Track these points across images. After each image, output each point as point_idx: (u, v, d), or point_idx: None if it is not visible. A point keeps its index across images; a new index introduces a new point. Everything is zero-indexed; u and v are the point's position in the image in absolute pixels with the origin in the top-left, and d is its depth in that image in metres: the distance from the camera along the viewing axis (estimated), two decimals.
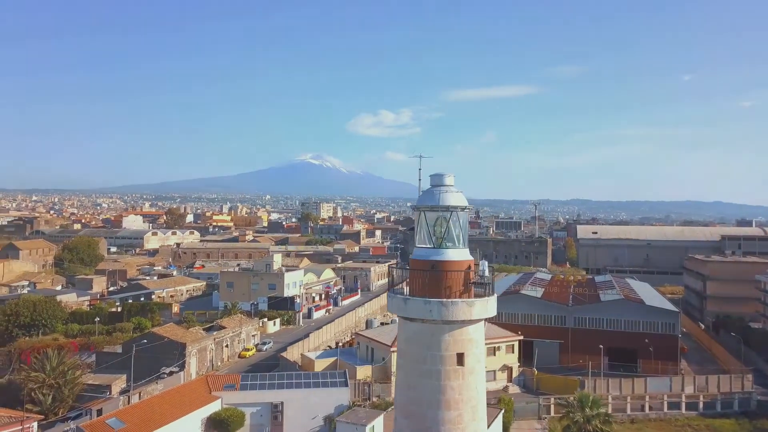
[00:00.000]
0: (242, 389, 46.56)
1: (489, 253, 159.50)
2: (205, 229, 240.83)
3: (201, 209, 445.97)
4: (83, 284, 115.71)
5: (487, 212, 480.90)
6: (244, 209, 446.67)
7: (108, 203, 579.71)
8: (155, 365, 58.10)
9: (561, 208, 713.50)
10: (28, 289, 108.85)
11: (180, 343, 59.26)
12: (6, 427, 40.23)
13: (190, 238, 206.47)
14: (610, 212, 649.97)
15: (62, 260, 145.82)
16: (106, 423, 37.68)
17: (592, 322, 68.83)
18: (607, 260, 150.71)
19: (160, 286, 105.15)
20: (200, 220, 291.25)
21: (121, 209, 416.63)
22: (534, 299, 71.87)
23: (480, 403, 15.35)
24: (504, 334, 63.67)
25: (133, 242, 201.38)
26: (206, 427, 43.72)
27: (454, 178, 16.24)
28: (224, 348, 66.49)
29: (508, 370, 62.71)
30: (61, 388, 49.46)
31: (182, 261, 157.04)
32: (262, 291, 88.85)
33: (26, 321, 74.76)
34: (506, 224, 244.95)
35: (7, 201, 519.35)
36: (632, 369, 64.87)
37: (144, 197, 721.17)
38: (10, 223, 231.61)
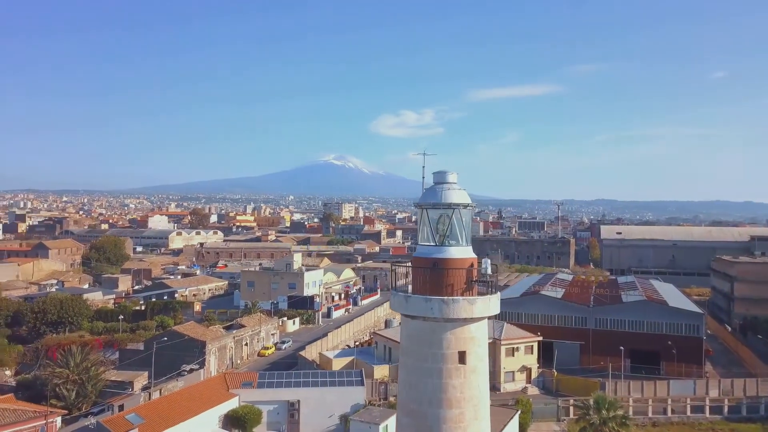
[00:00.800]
0: (259, 387, 47.03)
1: (511, 253, 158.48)
2: (228, 229, 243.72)
3: (225, 209, 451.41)
4: (109, 283, 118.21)
5: (510, 212, 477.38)
6: (267, 209, 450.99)
7: (135, 204, 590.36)
8: (176, 362, 59.02)
9: (585, 208, 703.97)
10: (56, 288, 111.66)
11: (200, 341, 60.08)
12: (30, 421, 41.26)
13: (214, 238, 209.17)
14: (636, 212, 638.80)
15: (90, 259, 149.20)
16: (126, 419, 38.40)
17: (613, 324, 67.75)
18: (631, 261, 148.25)
19: (183, 285, 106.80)
20: (224, 221, 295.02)
21: (148, 210, 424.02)
22: (554, 300, 71.07)
23: (482, 402, 15.23)
24: (523, 335, 63.12)
25: (158, 242, 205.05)
26: (224, 424, 44.26)
27: (457, 176, 16.16)
28: (244, 346, 67.21)
29: (527, 371, 62.13)
30: (84, 384, 50.58)
31: (205, 260, 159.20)
32: (283, 290, 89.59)
33: (53, 318, 76.69)
34: (529, 224, 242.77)
35: (38, 201, 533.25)
36: (655, 371, 63.68)
37: (170, 198, 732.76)
38: (40, 223, 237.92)
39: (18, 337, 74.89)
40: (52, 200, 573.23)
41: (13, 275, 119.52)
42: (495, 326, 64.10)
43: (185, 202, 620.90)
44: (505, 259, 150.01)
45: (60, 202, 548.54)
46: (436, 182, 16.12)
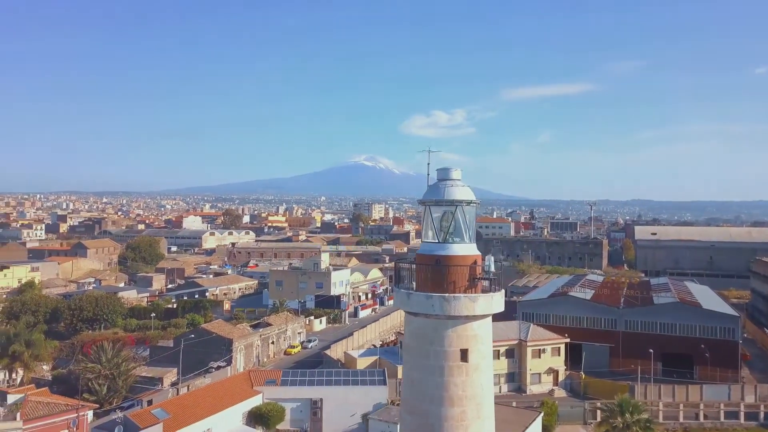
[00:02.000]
0: (283, 385, 47.51)
1: (542, 254, 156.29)
2: (260, 230, 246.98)
3: (258, 210, 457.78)
4: (144, 282, 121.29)
5: (543, 213, 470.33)
6: (299, 210, 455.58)
7: (171, 205, 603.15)
8: (204, 360, 60.20)
9: (621, 208, 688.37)
10: (93, 286, 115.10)
11: (227, 338, 61.11)
12: (62, 414, 42.52)
13: (246, 238, 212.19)
14: (673, 213, 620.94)
15: (126, 259, 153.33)
16: (152, 413, 39.33)
17: (644, 326, 66.06)
18: (667, 262, 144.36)
19: (213, 284, 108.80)
20: (256, 221, 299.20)
21: (183, 210, 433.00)
22: (583, 301, 69.73)
23: (485, 401, 15.08)
24: (550, 336, 62.18)
25: (192, 242, 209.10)
26: (247, 420, 44.87)
27: (461, 172, 16.05)
28: (270, 344, 68.04)
29: (554, 373, 61.19)
30: (115, 379, 51.97)
31: (237, 260, 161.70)
32: (310, 289, 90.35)
33: (89, 315, 79.11)
34: (561, 225, 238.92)
35: (80, 203, 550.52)
36: (688, 375, 61.86)
37: (205, 199, 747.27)
38: (80, 224, 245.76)
39: (56, 333, 77.42)
40: (93, 201, 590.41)
41: (54, 273, 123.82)
42: (521, 327, 63.38)
43: (219, 203, 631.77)
44: (536, 260, 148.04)
45: (100, 203, 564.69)
46: (439, 179, 16.06)
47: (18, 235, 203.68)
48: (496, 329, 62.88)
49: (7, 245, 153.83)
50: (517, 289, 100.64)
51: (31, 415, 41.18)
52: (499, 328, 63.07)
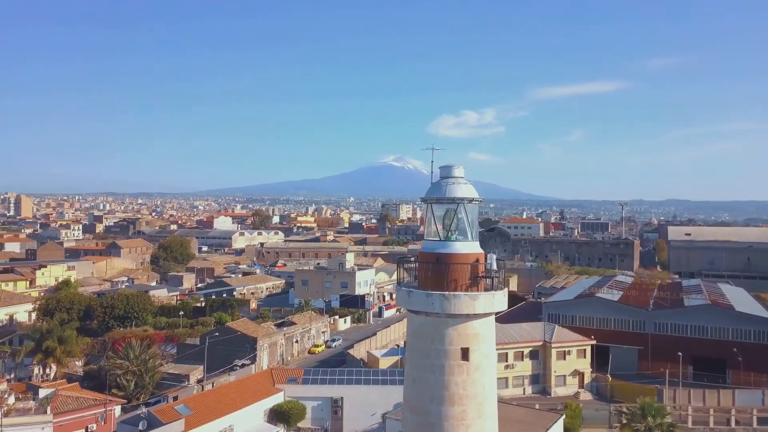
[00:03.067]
0: (304, 383, 47.89)
1: (571, 255, 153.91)
2: (289, 230, 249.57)
3: (288, 211, 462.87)
4: (174, 281, 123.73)
5: (575, 213, 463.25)
6: (328, 211, 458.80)
7: (203, 205, 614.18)
8: (229, 357, 61.09)
9: (656, 208, 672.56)
10: (126, 285, 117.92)
11: (251, 337, 61.93)
12: (90, 408, 43.83)
13: (275, 238, 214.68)
14: (710, 213, 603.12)
15: (158, 258, 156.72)
16: (175, 409, 40.12)
17: (674, 328, 64.49)
18: (701, 264, 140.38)
19: (241, 284, 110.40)
20: (285, 221, 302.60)
21: (215, 211, 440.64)
22: (610, 302, 68.43)
23: (487, 400, 14.92)
24: (575, 338, 61.23)
25: (223, 242, 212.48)
26: (269, 418, 45.38)
27: (464, 170, 15.93)
28: (294, 343, 68.69)
29: (579, 375, 60.23)
30: (142, 375, 53.23)
31: (266, 260, 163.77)
32: (335, 289, 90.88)
33: (120, 313, 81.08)
34: (592, 225, 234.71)
35: (116, 204, 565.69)
36: (720, 380, 60.09)
37: (236, 199, 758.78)
38: (116, 224, 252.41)
39: (89, 330, 79.57)
40: (129, 202, 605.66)
41: (89, 272, 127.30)
42: (546, 329, 62.60)
43: (250, 203, 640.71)
44: (565, 261, 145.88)
45: (135, 204, 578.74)
46: (442, 176, 15.97)
47: (57, 235, 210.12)
48: (520, 330, 62.80)
49: (46, 245, 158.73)
50: (545, 290, 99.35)
51: (61, 409, 42.56)
52: (524, 329, 62.54)
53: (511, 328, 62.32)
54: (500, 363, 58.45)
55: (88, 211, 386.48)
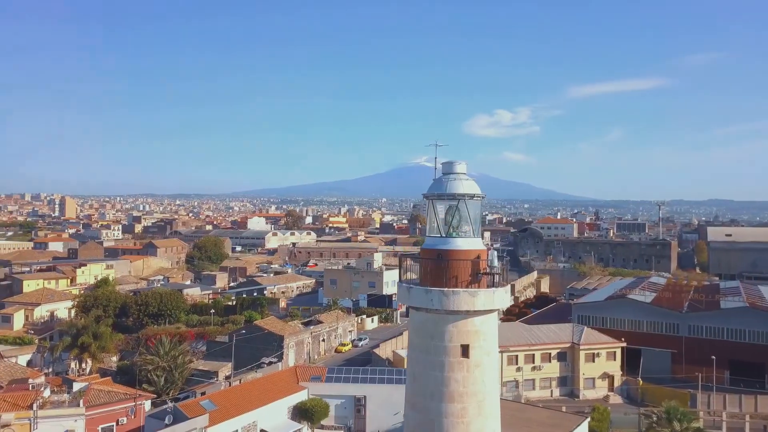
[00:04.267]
0: (328, 381, 48.18)
1: (605, 256, 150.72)
2: (321, 230, 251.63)
3: (321, 211, 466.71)
4: (208, 279, 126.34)
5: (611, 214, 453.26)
6: (360, 211, 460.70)
7: (239, 206, 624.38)
8: (257, 355, 62.06)
9: (697, 208, 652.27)
10: (161, 283, 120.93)
11: (278, 335, 62.70)
12: (121, 402, 45.00)
13: (307, 238, 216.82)
14: (755, 213, 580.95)
15: (192, 258, 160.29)
16: (200, 404, 40.93)
17: (709, 332, 62.44)
18: (743, 265, 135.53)
19: (272, 283, 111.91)
20: (318, 222, 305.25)
21: (250, 212, 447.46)
22: (642, 304, 66.68)
23: (488, 398, 14.77)
24: (604, 340, 59.95)
25: (256, 242, 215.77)
26: (292, 414, 45.82)
27: (466, 166, 15.81)
28: (321, 342, 69.21)
29: (609, 378, 58.94)
30: (172, 371, 54.42)
31: (297, 259, 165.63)
32: (363, 288, 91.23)
33: (154, 311, 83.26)
34: (629, 226, 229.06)
35: (155, 205, 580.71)
36: (758, 385, 57.87)
37: (271, 200, 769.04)
38: (153, 225, 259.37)
39: (124, 326, 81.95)
40: (167, 204, 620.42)
41: (126, 271, 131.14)
42: (575, 330, 61.52)
43: (284, 204, 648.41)
44: (599, 262, 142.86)
45: (174, 205, 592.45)
46: (444, 172, 15.89)
47: (97, 235, 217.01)
48: (547, 331, 61.88)
49: (87, 244, 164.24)
50: (576, 292, 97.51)
51: (92, 402, 43.82)
52: (551, 331, 61.59)
53: (539, 330, 61.45)
54: (527, 364, 57.77)
55: (128, 212, 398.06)
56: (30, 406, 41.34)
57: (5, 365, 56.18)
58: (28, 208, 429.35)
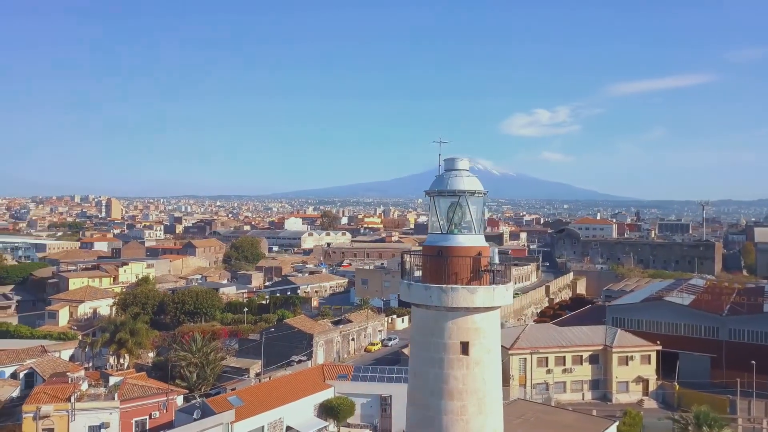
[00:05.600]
0: (354, 380, 48.46)
1: (645, 257, 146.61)
2: (356, 230, 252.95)
3: (357, 212, 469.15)
4: (243, 279, 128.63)
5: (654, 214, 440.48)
6: (395, 212, 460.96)
7: (277, 207, 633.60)
8: (287, 353, 62.91)
9: (746, 209, 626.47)
10: (199, 282, 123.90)
11: (308, 333, 63.40)
12: (153, 397, 46.33)
13: (342, 238, 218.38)
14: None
15: (230, 257, 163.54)
16: (228, 400, 41.80)
17: (752, 336, 60.07)
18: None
19: (306, 282, 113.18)
20: (353, 222, 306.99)
21: (287, 213, 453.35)
22: (680, 307, 64.62)
23: (488, 396, 14.63)
24: (638, 343, 58.36)
25: (292, 242, 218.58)
26: (318, 412, 46.27)
27: (468, 162, 15.73)
28: (350, 341, 69.63)
29: (643, 382, 57.36)
30: (204, 367, 55.72)
31: (332, 259, 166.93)
32: (394, 288, 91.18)
33: (190, 308, 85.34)
34: (671, 226, 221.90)
35: (197, 206, 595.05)
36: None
37: (308, 201, 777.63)
38: (193, 225, 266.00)
39: (162, 324, 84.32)
40: (208, 205, 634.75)
41: (166, 270, 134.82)
42: (608, 333, 60.16)
43: (322, 205, 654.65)
44: (639, 263, 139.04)
45: (214, 206, 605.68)
46: (446, 169, 15.84)
47: (140, 235, 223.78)
48: (579, 333, 60.69)
49: (129, 244, 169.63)
50: (613, 293, 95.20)
51: (126, 396, 45.26)
52: (583, 333, 60.40)
53: (570, 331, 60.30)
54: (557, 367, 56.77)
55: (170, 213, 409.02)
56: (68, 398, 43.04)
57: (48, 359, 58.65)
58: (78, 210, 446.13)
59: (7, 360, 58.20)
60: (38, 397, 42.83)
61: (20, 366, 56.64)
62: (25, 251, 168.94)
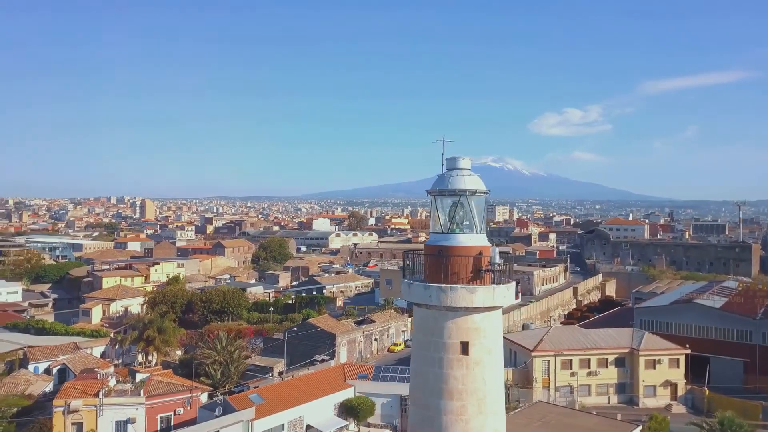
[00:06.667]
0: (374, 380, 48.61)
1: (678, 259, 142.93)
2: (383, 231, 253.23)
3: (385, 213, 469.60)
4: (271, 279, 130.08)
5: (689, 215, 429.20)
6: (423, 212, 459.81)
7: (306, 208, 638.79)
8: (310, 352, 63.40)
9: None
10: (227, 282, 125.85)
11: (331, 333, 63.78)
12: (178, 393, 47.31)
13: (369, 239, 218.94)
14: None
15: (258, 257, 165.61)
16: (249, 397, 42.39)
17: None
18: None
19: (331, 282, 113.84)
20: (380, 223, 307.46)
21: (316, 213, 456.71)
22: (710, 309, 62.81)
23: (489, 397, 14.52)
24: (666, 347, 56.93)
25: (320, 242, 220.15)
26: (339, 411, 46.55)
27: (470, 161, 15.65)
28: (373, 341, 69.79)
29: (671, 386, 55.93)
30: (228, 365, 56.58)
31: (358, 260, 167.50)
32: None
33: (217, 307, 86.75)
34: (706, 227, 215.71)
35: (227, 207, 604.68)
36: None
37: (337, 202, 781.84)
38: (223, 225, 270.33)
39: (190, 322, 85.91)
40: (239, 206, 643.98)
41: (196, 270, 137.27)
42: (634, 335, 58.88)
43: (350, 206, 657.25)
44: (671, 265, 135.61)
45: (245, 207, 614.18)
46: (447, 168, 15.80)
47: (172, 235, 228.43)
48: (605, 336, 59.62)
49: (161, 244, 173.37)
50: (643, 295, 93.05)
51: (152, 392, 46.31)
52: (609, 335, 59.31)
53: (595, 334, 59.24)
54: (582, 369, 55.84)
55: (201, 214, 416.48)
56: (96, 394, 44.27)
57: (80, 356, 60.47)
58: (113, 210, 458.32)
59: (42, 356, 60.27)
60: (68, 392, 44.15)
61: (54, 362, 58.63)
62: (63, 251, 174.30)
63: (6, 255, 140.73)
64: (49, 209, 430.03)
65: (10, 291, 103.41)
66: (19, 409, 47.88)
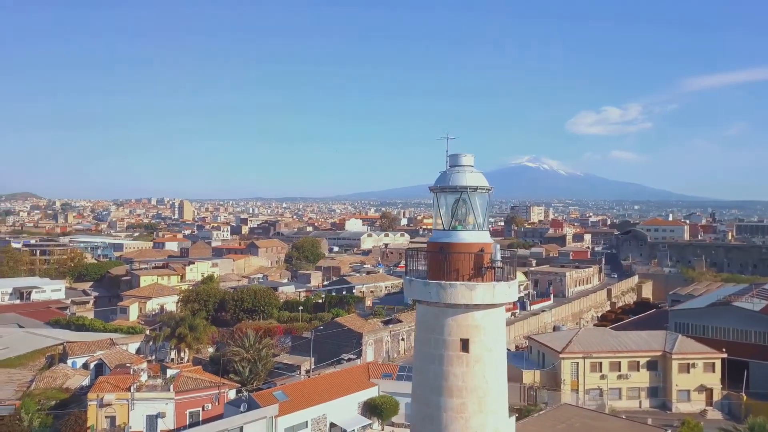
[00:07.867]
0: (398, 379, 48.55)
1: (720, 261, 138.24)
2: (415, 231, 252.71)
3: (417, 213, 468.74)
4: (303, 278, 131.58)
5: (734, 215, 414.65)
6: None
7: (340, 209, 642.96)
8: (337, 351, 63.88)
9: None
10: (260, 281, 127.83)
11: (357, 332, 64.11)
12: (206, 389, 48.33)
13: (401, 239, 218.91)
14: None
15: (291, 257, 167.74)
16: (273, 394, 42.97)
17: None
18: None
19: (361, 282, 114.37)
20: (412, 223, 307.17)
21: (350, 214, 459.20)
22: (749, 312, 60.65)
23: (489, 395, 14.41)
24: (701, 350, 55.20)
25: (352, 243, 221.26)
26: (362, 410, 46.72)
27: (473, 158, 15.57)
28: (400, 341, 69.82)
29: (707, 391, 54.21)
30: (256, 363, 57.53)
31: (389, 260, 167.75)
32: None
33: (248, 306, 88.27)
34: (751, 228, 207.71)
35: (263, 208, 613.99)
36: None
37: (370, 203, 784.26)
38: (258, 226, 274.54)
39: (222, 320, 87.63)
40: (275, 206, 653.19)
41: (230, 269, 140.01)
42: (668, 338, 57.31)
43: (384, 207, 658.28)
44: (711, 267, 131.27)
45: (280, 207, 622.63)
46: (450, 165, 15.76)
47: (209, 235, 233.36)
48: (636, 338, 58.26)
49: (197, 244, 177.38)
50: (680, 298, 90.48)
51: (181, 388, 47.49)
52: (640, 338, 57.96)
53: (626, 336, 57.91)
54: (612, 372, 54.69)
55: (237, 215, 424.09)
56: (128, 388, 45.68)
57: (116, 351, 62.45)
58: (153, 212, 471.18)
59: (80, 351, 62.54)
60: (102, 387, 45.67)
61: (91, 357, 60.75)
62: (104, 250, 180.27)
63: (51, 254, 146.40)
64: (93, 210, 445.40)
65: (54, 289, 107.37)
66: (57, 401, 49.83)
